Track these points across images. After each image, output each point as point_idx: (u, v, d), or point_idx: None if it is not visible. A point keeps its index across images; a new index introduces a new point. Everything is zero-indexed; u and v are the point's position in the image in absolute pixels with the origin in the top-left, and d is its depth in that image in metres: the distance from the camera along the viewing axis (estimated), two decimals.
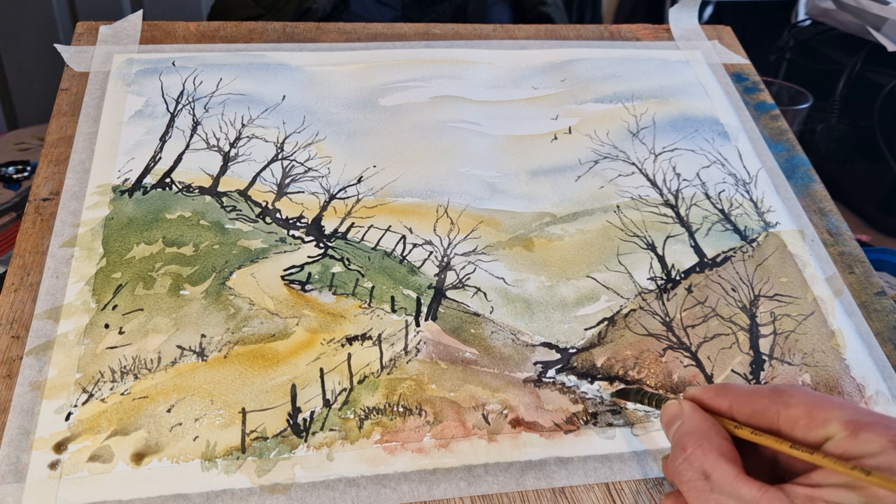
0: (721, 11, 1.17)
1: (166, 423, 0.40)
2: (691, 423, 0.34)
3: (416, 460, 0.40)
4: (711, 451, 0.32)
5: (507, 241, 0.51)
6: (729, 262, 0.51)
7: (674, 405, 0.36)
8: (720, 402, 0.34)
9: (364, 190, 0.52)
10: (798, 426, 0.31)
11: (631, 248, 0.52)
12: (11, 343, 0.42)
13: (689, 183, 0.56)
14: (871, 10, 0.81)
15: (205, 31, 0.62)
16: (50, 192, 0.49)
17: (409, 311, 0.46)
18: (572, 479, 0.40)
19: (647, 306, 0.49)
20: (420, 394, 0.42)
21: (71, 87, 0.56)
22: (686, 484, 0.32)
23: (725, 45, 0.68)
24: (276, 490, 0.38)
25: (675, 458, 0.33)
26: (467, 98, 0.60)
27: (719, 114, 0.62)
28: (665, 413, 0.36)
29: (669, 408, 0.36)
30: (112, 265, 0.46)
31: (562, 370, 0.45)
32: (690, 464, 0.32)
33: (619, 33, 0.69)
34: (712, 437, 0.33)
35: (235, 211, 0.50)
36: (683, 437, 0.33)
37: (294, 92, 0.58)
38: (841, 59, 0.89)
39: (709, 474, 0.31)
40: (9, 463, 0.37)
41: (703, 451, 0.32)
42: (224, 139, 0.54)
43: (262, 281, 0.46)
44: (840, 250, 0.54)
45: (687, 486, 0.32)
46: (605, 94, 0.62)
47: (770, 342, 0.48)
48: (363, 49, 0.63)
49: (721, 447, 0.32)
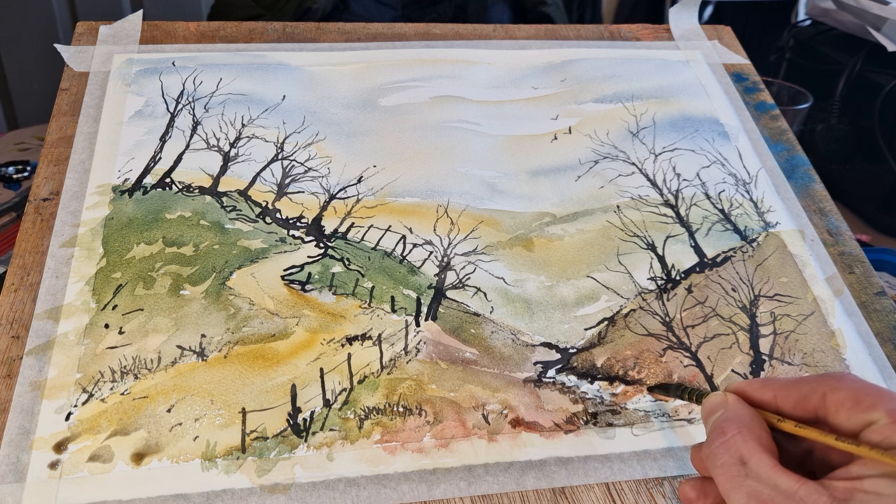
0: (721, 11, 1.17)
1: (166, 423, 0.40)
2: (734, 411, 0.34)
3: (416, 460, 0.40)
4: (751, 438, 0.32)
5: (507, 241, 0.51)
6: (729, 262, 0.51)
7: (717, 396, 0.35)
8: (764, 394, 0.34)
9: (364, 190, 0.52)
10: (843, 409, 0.31)
11: (631, 248, 0.52)
12: (11, 343, 0.42)
13: (689, 183, 0.56)
14: (871, 10, 0.81)
15: (205, 31, 0.62)
16: (50, 192, 0.49)
17: (409, 311, 0.46)
18: (572, 479, 0.40)
19: (647, 306, 0.49)
20: (420, 394, 0.42)
21: (71, 87, 0.56)
22: (720, 468, 0.32)
23: (725, 45, 0.68)
24: (276, 490, 0.38)
25: (711, 442, 0.33)
26: (467, 98, 0.60)
27: (719, 114, 0.62)
28: (707, 403, 0.35)
29: (712, 398, 0.35)
30: (112, 265, 0.46)
31: (562, 370, 0.45)
32: (728, 448, 0.32)
33: (619, 33, 0.69)
34: (753, 426, 0.33)
35: (235, 211, 0.50)
36: (724, 423, 0.33)
37: (294, 92, 0.58)
38: (841, 59, 0.89)
39: (746, 461, 0.31)
40: (9, 463, 0.37)
41: (742, 438, 0.32)
42: (224, 139, 0.54)
43: (262, 281, 0.46)
44: (840, 250, 0.54)
45: (721, 469, 0.32)
46: (605, 94, 0.62)
47: (770, 342, 0.48)
48: (363, 49, 0.63)
49: (761, 437, 0.32)
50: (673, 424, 0.43)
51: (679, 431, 0.43)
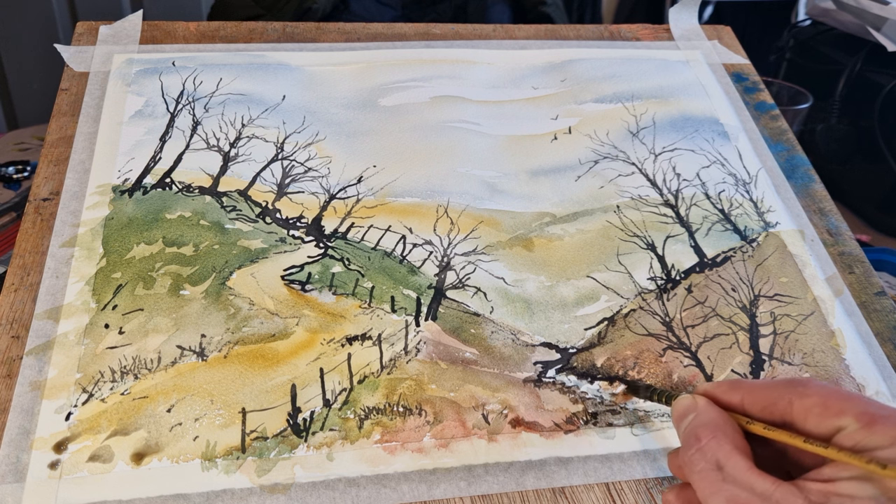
0: (721, 11, 1.17)
1: (166, 423, 0.40)
2: (706, 415, 0.34)
3: (416, 460, 0.40)
4: (726, 442, 0.32)
5: (507, 241, 0.51)
6: (729, 262, 0.51)
7: (687, 399, 0.35)
8: (732, 397, 0.34)
9: (364, 190, 0.52)
10: (811, 415, 0.31)
11: (631, 248, 0.52)
12: (11, 343, 0.42)
13: (689, 183, 0.56)
14: (871, 10, 0.81)
15: (205, 31, 0.62)
16: (50, 192, 0.49)
17: (409, 311, 0.46)
18: (572, 479, 0.40)
19: (647, 306, 0.49)
20: (420, 394, 0.42)
21: (71, 87, 0.56)
22: (698, 474, 0.32)
23: (725, 45, 0.68)
24: (276, 490, 0.38)
25: (687, 448, 0.33)
26: (467, 98, 0.60)
27: (719, 114, 0.62)
28: (677, 407, 0.36)
29: (682, 401, 0.36)
30: (112, 265, 0.46)
31: (562, 370, 0.45)
32: (704, 454, 0.32)
33: (619, 33, 0.69)
34: (727, 429, 0.33)
35: (235, 211, 0.50)
36: (698, 429, 0.33)
37: (294, 92, 0.58)
38: (841, 59, 0.89)
39: (722, 465, 0.31)
40: (9, 463, 0.37)
41: (717, 443, 0.32)
42: (224, 139, 0.54)
43: (262, 281, 0.46)
44: (840, 250, 0.54)
45: (699, 475, 0.32)
46: (605, 94, 0.62)
47: (770, 342, 0.48)
48: (363, 49, 0.63)
49: (735, 440, 0.32)
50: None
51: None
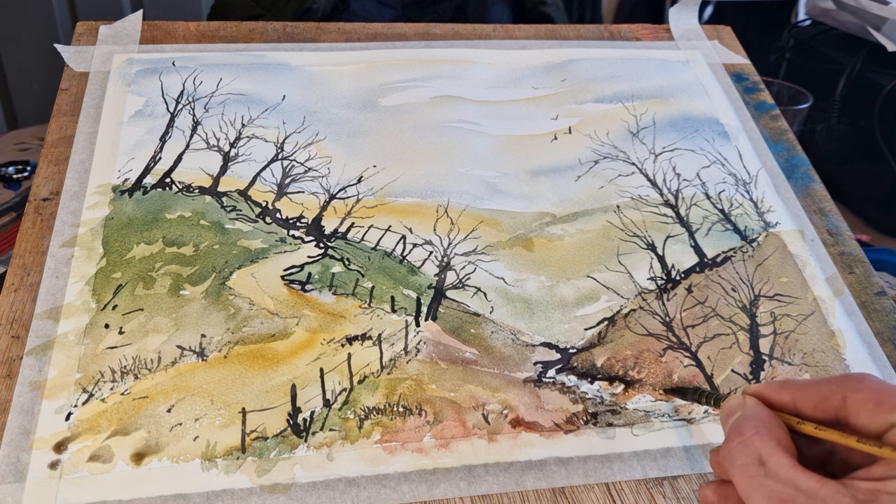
0: (721, 11, 1.17)
1: (166, 423, 0.40)
2: (752, 412, 0.33)
3: (416, 460, 0.40)
4: (770, 438, 0.31)
5: (507, 241, 0.51)
6: (729, 262, 0.51)
7: (736, 398, 0.35)
8: (783, 396, 0.34)
9: (364, 190, 0.52)
10: (864, 410, 0.31)
11: (631, 248, 0.52)
12: (11, 343, 0.42)
13: (689, 183, 0.56)
14: (871, 10, 0.81)
15: (205, 31, 0.62)
16: (50, 192, 0.49)
17: (409, 311, 0.46)
18: (572, 479, 0.40)
19: (647, 306, 0.49)
20: (420, 394, 0.42)
21: (71, 87, 0.56)
22: (739, 468, 0.31)
23: (725, 45, 0.68)
24: (276, 490, 0.38)
25: (729, 442, 0.33)
26: (467, 98, 0.60)
27: (719, 114, 0.62)
28: (725, 406, 0.35)
29: (731, 401, 0.35)
30: (112, 265, 0.46)
31: (562, 370, 0.45)
32: (746, 447, 0.32)
33: (619, 33, 0.69)
34: (772, 426, 0.32)
35: (235, 211, 0.50)
36: (742, 423, 0.33)
37: (294, 92, 0.58)
38: (841, 59, 0.89)
39: (764, 460, 0.31)
40: (9, 463, 0.37)
41: (761, 438, 0.31)
42: (224, 139, 0.54)
43: (262, 281, 0.46)
44: (840, 250, 0.54)
45: (740, 469, 0.31)
46: (605, 94, 0.62)
47: (770, 342, 0.48)
48: (363, 49, 0.63)
49: (780, 437, 0.32)
50: (673, 424, 0.43)
51: (679, 431, 0.43)
